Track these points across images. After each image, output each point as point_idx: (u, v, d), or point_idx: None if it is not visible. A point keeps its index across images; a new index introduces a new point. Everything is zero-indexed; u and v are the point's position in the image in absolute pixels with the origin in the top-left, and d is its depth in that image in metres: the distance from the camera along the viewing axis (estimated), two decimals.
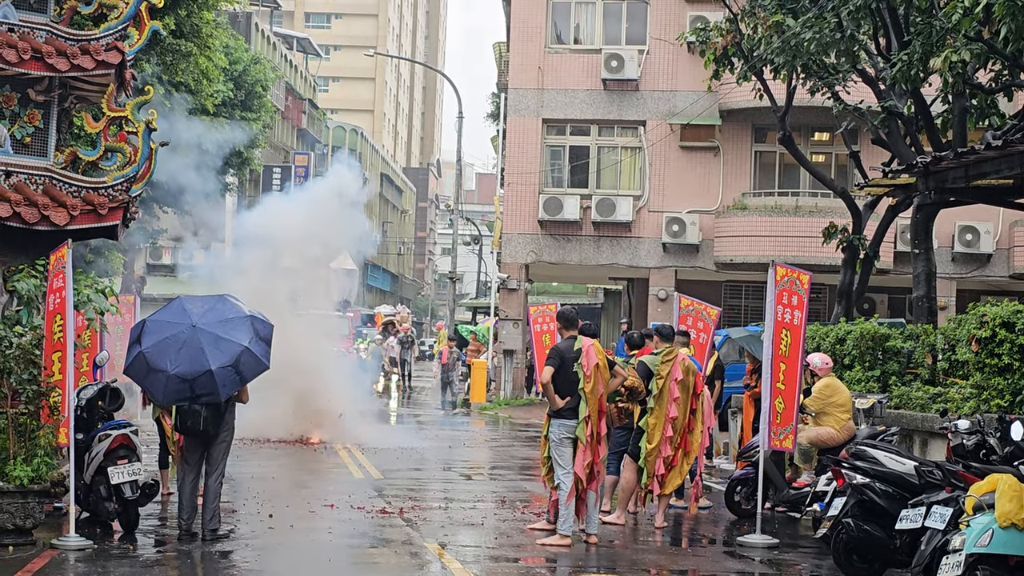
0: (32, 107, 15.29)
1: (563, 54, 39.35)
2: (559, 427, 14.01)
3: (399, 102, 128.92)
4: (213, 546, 13.25)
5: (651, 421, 15.46)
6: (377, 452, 23.41)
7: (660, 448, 15.50)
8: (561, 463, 13.97)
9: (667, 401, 15.51)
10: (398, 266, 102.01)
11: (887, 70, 21.10)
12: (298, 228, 26.43)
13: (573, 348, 14.06)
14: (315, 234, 27.01)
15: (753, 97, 26.18)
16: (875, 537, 12.09)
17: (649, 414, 15.48)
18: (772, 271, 14.81)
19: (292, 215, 26.83)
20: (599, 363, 14.03)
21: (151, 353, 13.11)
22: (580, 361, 13.93)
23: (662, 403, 15.50)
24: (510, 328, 39.78)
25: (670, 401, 15.51)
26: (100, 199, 15.16)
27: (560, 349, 14.19)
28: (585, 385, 13.88)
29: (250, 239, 26.75)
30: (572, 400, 13.91)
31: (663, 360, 15.62)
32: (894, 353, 18.99)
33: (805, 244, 33.78)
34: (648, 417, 15.48)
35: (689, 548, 15.10)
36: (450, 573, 12.28)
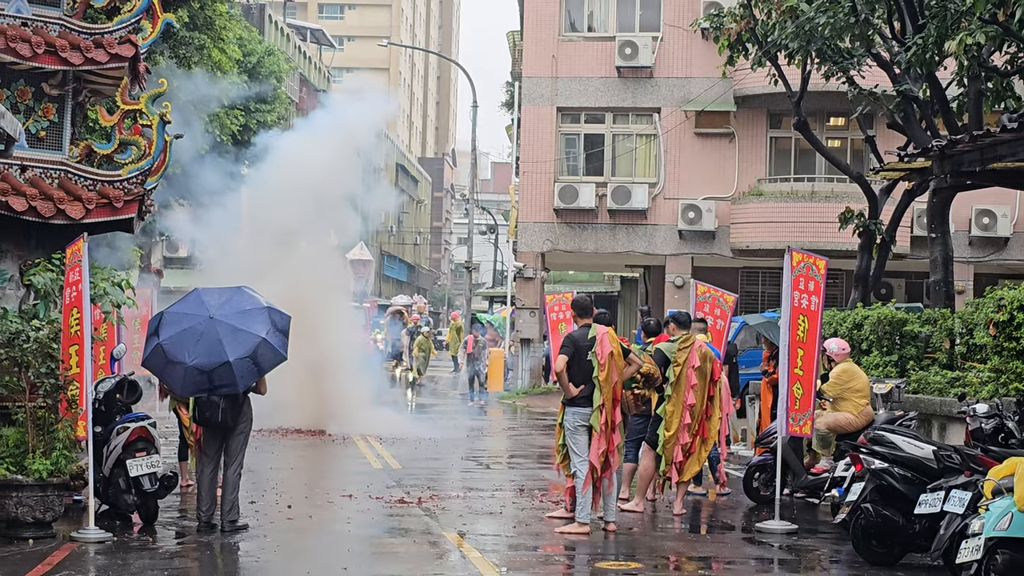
0: (47, 101, 15.32)
1: (577, 42, 39.29)
2: (574, 415, 14.00)
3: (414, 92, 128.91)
4: (232, 537, 13.28)
5: (669, 409, 15.45)
6: (395, 442, 23.43)
7: (678, 435, 15.49)
8: (577, 451, 13.97)
9: (684, 388, 15.50)
10: (414, 256, 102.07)
11: (902, 54, 21.04)
12: (314, 166, 26.22)
13: (587, 336, 14.04)
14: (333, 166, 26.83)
15: (768, 83, 26.14)
16: (894, 522, 12.08)
17: (667, 402, 15.47)
18: (788, 257, 14.77)
19: (306, 154, 26.58)
20: (613, 351, 14.01)
21: (169, 345, 13.14)
22: (594, 349, 13.91)
23: (679, 390, 15.49)
24: (527, 317, 39.77)
25: (687, 388, 15.50)
26: (115, 192, 15.19)
27: (574, 337, 14.17)
28: (599, 373, 13.86)
29: (264, 191, 26.58)
30: (586, 388, 13.90)
31: (680, 347, 15.60)
32: (912, 338, 18.96)
33: (821, 229, 33.70)
34: (666, 405, 15.47)
35: (708, 535, 15.10)
36: (469, 562, 12.29)
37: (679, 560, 13.20)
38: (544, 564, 12.74)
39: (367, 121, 28.61)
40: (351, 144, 27.97)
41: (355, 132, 28.02)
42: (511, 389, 40.06)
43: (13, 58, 14.58)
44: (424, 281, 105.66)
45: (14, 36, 14.56)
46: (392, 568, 12.12)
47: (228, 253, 25.36)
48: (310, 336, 22.51)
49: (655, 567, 12.46)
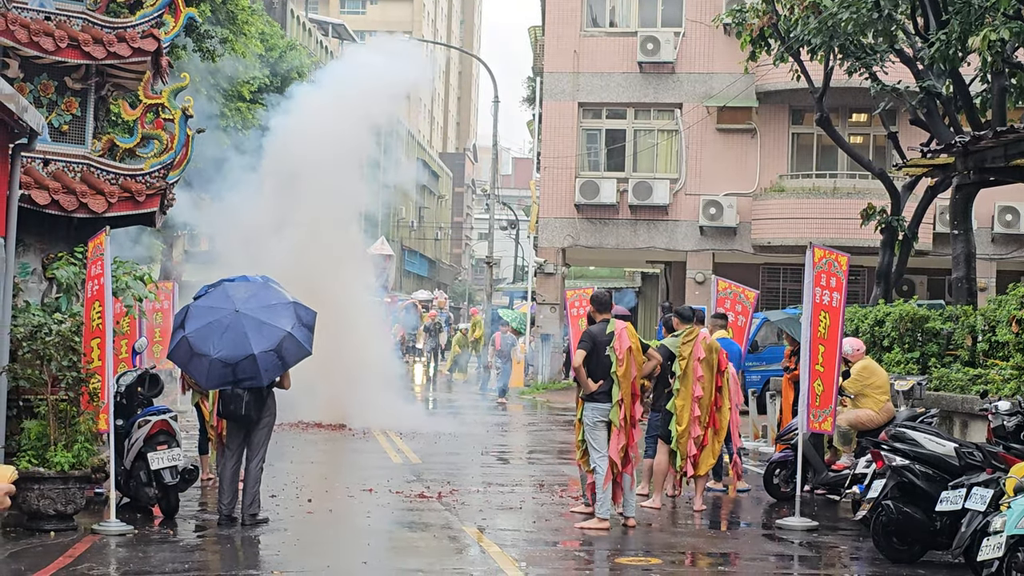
0: (69, 95, 15.37)
1: (599, 37, 39.27)
2: (592, 410, 14.00)
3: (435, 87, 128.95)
4: (253, 531, 13.32)
5: (678, 403, 15.40)
6: (415, 437, 23.44)
7: (690, 429, 15.44)
8: (596, 446, 13.97)
9: (692, 381, 15.46)
10: (435, 251, 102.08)
11: (925, 50, 20.97)
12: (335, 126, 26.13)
13: (605, 332, 14.03)
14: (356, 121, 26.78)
15: (790, 78, 26.10)
16: (915, 519, 12.04)
17: (676, 396, 15.44)
18: (810, 253, 14.74)
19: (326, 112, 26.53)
20: (632, 346, 14.00)
21: (194, 338, 13.17)
22: (613, 344, 13.91)
23: (687, 384, 15.45)
24: (547, 312, 39.77)
25: (694, 381, 15.46)
26: (137, 186, 15.24)
27: (592, 332, 14.17)
28: (618, 368, 13.85)
29: (283, 152, 26.53)
30: (605, 383, 13.89)
31: (684, 341, 15.57)
32: (934, 335, 18.90)
33: (843, 226, 33.62)
34: (675, 399, 15.43)
35: (728, 531, 15.07)
36: (489, 557, 12.30)
37: (698, 556, 13.19)
38: (564, 559, 12.74)
39: (394, 81, 28.29)
40: (374, 102, 27.72)
41: (379, 90, 27.74)
42: (530, 384, 40.05)
43: (36, 52, 14.63)
44: (445, 276, 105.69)
45: (37, 30, 14.61)
46: (412, 562, 12.13)
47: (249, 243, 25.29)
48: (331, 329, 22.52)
49: (674, 563, 12.45)
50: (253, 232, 25.69)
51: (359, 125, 27.30)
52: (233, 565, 12.13)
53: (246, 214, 25.67)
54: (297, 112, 26.89)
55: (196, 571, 11.57)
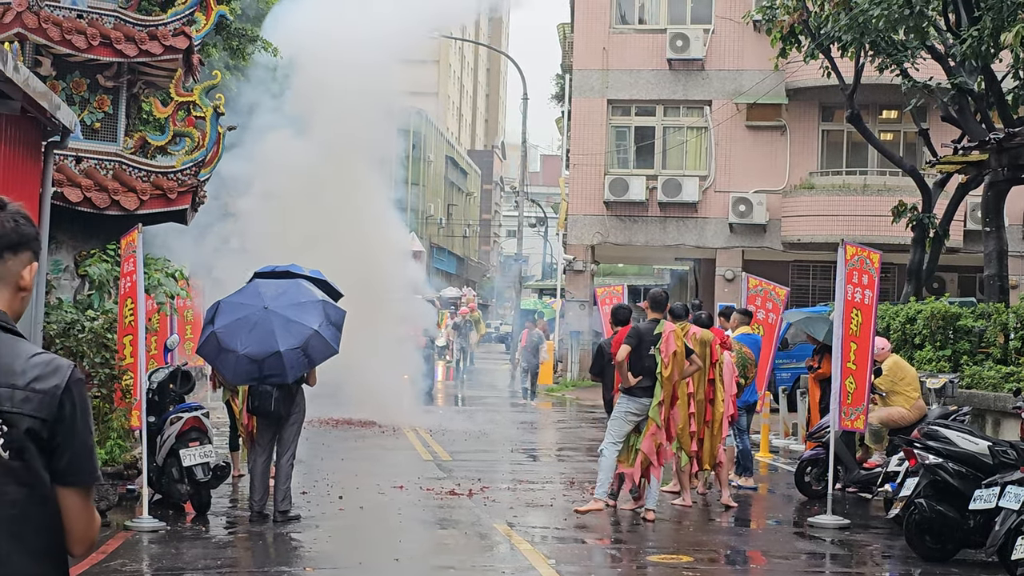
0: (101, 93, 15.42)
1: (628, 34, 39.20)
2: (627, 401, 14.05)
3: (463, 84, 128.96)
4: (284, 528, 13.35)
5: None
6: (445, 434, 23.47)
7: (687, 425, 15.34)
8: (612, 434, 14.09)
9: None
10: (463, 248, 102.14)
11: (957, 46, 20.88)
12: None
13: (654, 331, 14.05)
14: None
15: (820, 75, 26.01)
16: (948, 517, 11.99)
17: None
18: (842, 250, 14.68)
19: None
20: (677, 350, 14.02)
21: (223, 333, 13.22)
22: (659, 345, 13.92)
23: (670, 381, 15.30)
24: (576, 310, 39.73)
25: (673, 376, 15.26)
26: (169, 183, 15.29)
27: (640, 330, 14.19)
28: (663, 370, 13.89)
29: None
30: (644, 380, 13.91)
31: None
32: (965, 332, 18.82)
33: (873, 223, 33.47)
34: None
35: (759, 529, 15.04)
36: (519, 554, 12.30)
37: (731, 553, 13.17)
38: (594, 556, 12.74)
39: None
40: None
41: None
42: (559, 381, 40.03)
43: (69, 50, 14.69)
44: (473, 273, 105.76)
45: (70, 28, 14.66)
46: (443, 559, 12.15)
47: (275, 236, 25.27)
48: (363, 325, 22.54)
49: (705, 560, 12.42)
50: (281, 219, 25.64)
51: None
52: (265, 562, 12.16)
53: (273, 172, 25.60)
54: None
55: (228, 567, 11.60)
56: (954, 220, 26.11)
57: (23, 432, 3.26)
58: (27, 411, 3.27)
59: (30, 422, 3.27)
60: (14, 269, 3.46)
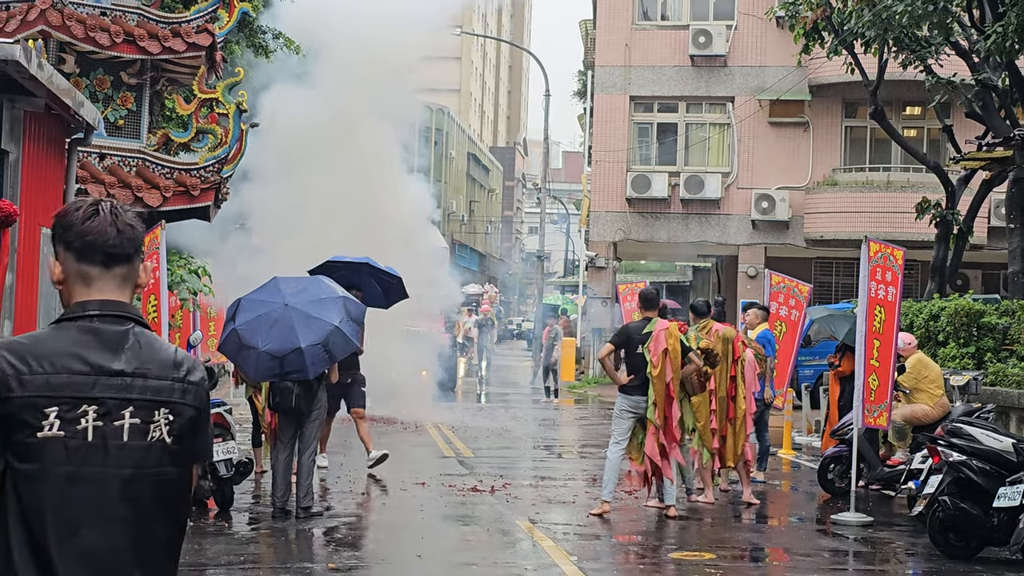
0: (125, 90, 15.48)
1: (650, 31, 39.14)
2: (623, 400, 14.09)
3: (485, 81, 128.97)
4: (307, 524, 13.37)
5: (695, 399, 15.23)
6: (467, 431, 23.48)
7: (709, 422, 15.30)
8: (616, 434, 14.10)
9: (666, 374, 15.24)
10: (485, 245, 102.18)
11: (981, 42, 20.79)
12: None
13: (643, 330, 13.99)
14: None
15: (843, 71, 25.94)
16: (972, 515, 11.95)
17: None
18: (865, 247, 14.63)
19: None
20: (669, 348, 13.89)
21: (244, 330, 13.25)
22: (648, 345, 13.84)
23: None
24: (598, 306, 39.69)
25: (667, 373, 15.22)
26: (192, 180, 15.34)
27: (628, 328, 14.20)
28: (652, 370, 13.80)
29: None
30: (637, 378, 13.89)
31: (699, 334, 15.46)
32: (989, 329, 18.75)
33: (897, 220, 33.39)
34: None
35: (782, 526, 15.01)
36: (542, 550, 12.30)
37: (752, 551, 13.14)
38: (617, 553, 12.73)
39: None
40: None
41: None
42: (581, 378, 40.01)
43: (92, 47, 14.75)
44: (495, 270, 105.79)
45: (93, 25, 14.72)
46: (465, 556, 12.15)
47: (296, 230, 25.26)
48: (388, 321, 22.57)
49: (728, 558, 12.40)
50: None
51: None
52: (287, 558, 12.18)
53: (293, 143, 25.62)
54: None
55: (251, 563, 11.62)
56: (978, 216, 26.01)
57: (186, 421, 3.64)
58: (188, 401, 3.65)
59: (192, 412, 3.65)
60: (137, 268, 3.73)
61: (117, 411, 3.53)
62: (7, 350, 3.56)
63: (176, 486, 3.63)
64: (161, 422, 3.57)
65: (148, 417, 3.56)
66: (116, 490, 3.51)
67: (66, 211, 3.68)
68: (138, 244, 3.69)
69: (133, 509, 3.52)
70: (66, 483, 3.48)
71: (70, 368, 3.52)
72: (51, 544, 3.45)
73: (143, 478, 3.54)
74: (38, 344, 3.57)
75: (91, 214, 3.62)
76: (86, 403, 3.51)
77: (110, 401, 3.53)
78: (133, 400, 3.55)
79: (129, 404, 3.54)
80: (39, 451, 3.48)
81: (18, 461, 3.49)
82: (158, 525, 3.58)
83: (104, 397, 3.52)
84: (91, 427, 3.50)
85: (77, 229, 3.62)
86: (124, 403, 3.54)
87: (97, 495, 3.49)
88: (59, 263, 3.67)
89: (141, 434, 3.55)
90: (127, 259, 3.67)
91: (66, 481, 3.48)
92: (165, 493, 3.59)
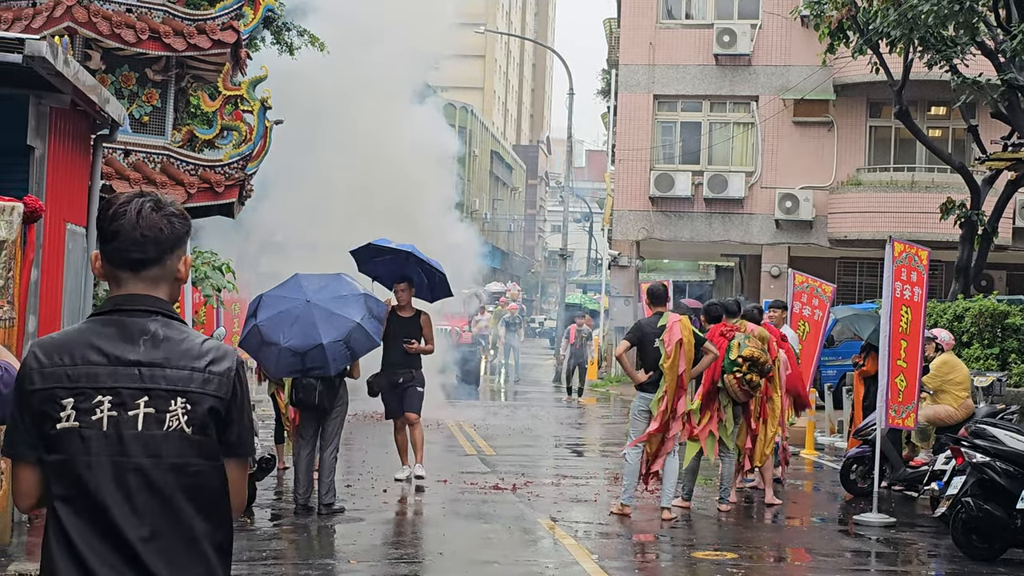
0: (150, 87, 15.53)
1: (674, 29, 39.07)
2: (639, 399, 14.04)
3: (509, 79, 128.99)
4: (329, 520, 13.40)
5: (722, 399, 15.18)
6: (488, 429, 23.49)
7: (746, 424, 15.23)
8: (632, 434, 14.04)
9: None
10: (508, 243, 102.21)
11: (1007, 42, 20.72)
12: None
13: (656, 324, 13.99)
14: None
15: (868, 71, 25.85)
16: (995, 517, 11.91)
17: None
18: (890, 247, 14.58)
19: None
20: (683, 340, 13.88)
21: (265, 326, 13.28)
22: (662, 337, 13.83)
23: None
24: (621, 305, 39.67)
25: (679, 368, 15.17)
26: (216, 177, 15.38)
27: (642, 324, 14.21)
28: (665, 361, 13.78)
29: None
30: (654, 375, 13.87)
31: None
32: (1014, 330, 18.71)
33: (921, 220, 33.27)
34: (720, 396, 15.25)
35: (804, 526, 14.97)
36: (563, 549, 12.30)
37: (776, 550, 13.12)
38: (638, 552, 12.72)
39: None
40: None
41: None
42: (604, 377, 40.00)
43: (118, 44, 14.80)
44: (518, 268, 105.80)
45: (119, 22, 14.77)
46: (486, 553, 12.16)
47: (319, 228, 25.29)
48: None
49: (749, 557, 12.38)
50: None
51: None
52: (309, 554, 12.20)
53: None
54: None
55: (273, 559, 11.65)
56: (1003, 217, 25.91)
57: (205, 411, 3.62)
58: (209, 391, 3.63)
59: (212, 401, 3.63)
60: (173, 267, 3.74)
61: (132, 401, 3.57)
62: (37, 346, 3.65)
63: (205, 479, 3.62)
64: (178, 411, 3.58)
65: (163, 407, 3.57)
66: (135, 480, 3.53)
67: (102, 209, 3.73)
68: (169, 244, 3.69)
69: (157, 500, 3.54)
70: (86, 472, 3.53)
71: (88, 359, 3.58)
72: (77, 533, 3.50)
73: (162, 468, 3.55)
74: (64, 339, 3.65)
75: (119, 215, 3.66)
76: (101, 393, 3.56)
77: (125, 391, 3.57)
78: (148, 389, 3.58)
79: (144, 393, 3.57)
80: (60, 442, 3.55)
81: (47, 453, 3.57)
82: (189, 518, 3.58)
83: (119, 387, 3.57)
84: (106, 417, 3.55)
85: (104, 233, 3.68)
86: (139, 392, 3.57)
87: (116, 485, 3.53)
88: (98, 258, 3.75)
89: (156, 423, 3.56)
90: (154, 262, 3.68)
91: (85, 470, 3.53)
92: (193, 486, 3.59)
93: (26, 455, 3.60)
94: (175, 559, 3.54)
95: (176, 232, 3.71)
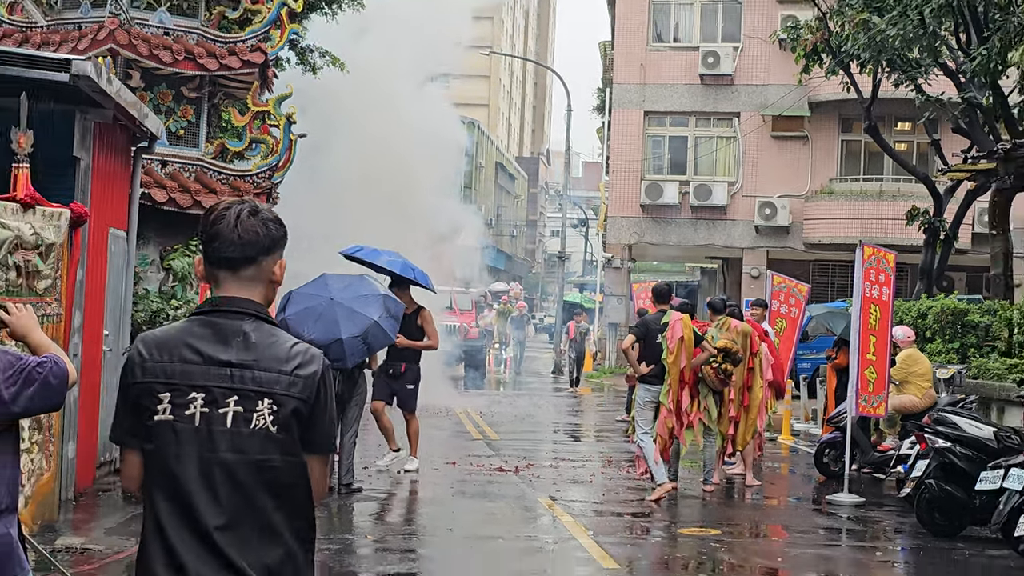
0: (185, 103, 15.53)
1: (663, 52, 39.07)
2: (644, 391, 14.00)
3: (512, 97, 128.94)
4: (347, 499, 13.41)
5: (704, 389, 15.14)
6: (493, 416, 23.48)
7: (727, 411, 15.23)
8: (641, 424, 13.99)
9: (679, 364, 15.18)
10: (511, 247, 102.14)
11: (967, 64, 20.70)
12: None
13: (660, 321, 13.99)
14: None
15: (840, 90, 25.84)
16: (956, 497, 11.92)
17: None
18: (860, 251, 14.59)
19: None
20: (684, 336, 13.90)
21: (292, 320, 13.30)
22: (665, 334, 13.85)
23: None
24: (614, 303, 39.67)
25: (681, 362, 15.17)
26: (245, 186, 15.38)
27: (647, 321, 14.19)
28: (668, 356, 13.79)
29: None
30: (655, 368, 13.86)
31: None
32: (973, 327, 18.69)
33: (888, 226, 33.25)
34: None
35: (781, 506, 14.98)
36: (561, 525, 12.31)
37: (756, 527, 13.13)
38: (630, 529, 12.72)
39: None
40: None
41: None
42: (598, 369, 39.99)
43: (156, 64, 14.80)
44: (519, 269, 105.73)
45: (157, 44, 14.78)
46: (491, 529, 12.16)
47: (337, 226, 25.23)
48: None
49: (731, 533, 12.39)
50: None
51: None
52: (330, 530, 12.20)
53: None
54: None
55: None
56: (963, 224, 25.90)
57: (290, 412, 3.56)
58: (293, 393, 3.57)
59: (296, 403, 3.57)
60: (268, 268, 3.69)
61: (223, 399, 3.53)
62: (141, 341, 3.63)
63: (284, 474, 3.55)
64: (265, 411, 3.53)
65: (251, 406, 3.53)
66: (220, 473, 3.50)
67: (204, 215, 3.71)
68: (264, 246, 3.64)
69: (238, 493, 3.51)
70: (175, 464, 3.51)
71: (184, 357, 3.55)
72: (166, 518, 3.50)
73: (246, 464, 3.51)
74: (164, 335, 3.62)
75: (218, 219, 3.63)
76: (195, 390, 3.53)
77: (216, 389, 3.53)
78: (237, 389, 3.54)
79: (234, 393, 3.53)
80: (155, 433, 3.54)
81: (145, 443, 3.56)
82: (267, 509, 3.54)
83: (211, 385, 3.54)
84: (198, 412, 3.52)
85: (206, 235, 3.65)
86: (229, 392, 3.54)
87: (201, 476, 3.50)
88: (201, 262, 3.72)
89: (244, 422, 3.52)
90: (250, 262, 3.63)
91: (174, 461, 3.51)
92: (271, 480, 3.53)
93: (129, 442, 3.60)
94: (248, 545, 3.49)
95: (271, 235, 3.66)
